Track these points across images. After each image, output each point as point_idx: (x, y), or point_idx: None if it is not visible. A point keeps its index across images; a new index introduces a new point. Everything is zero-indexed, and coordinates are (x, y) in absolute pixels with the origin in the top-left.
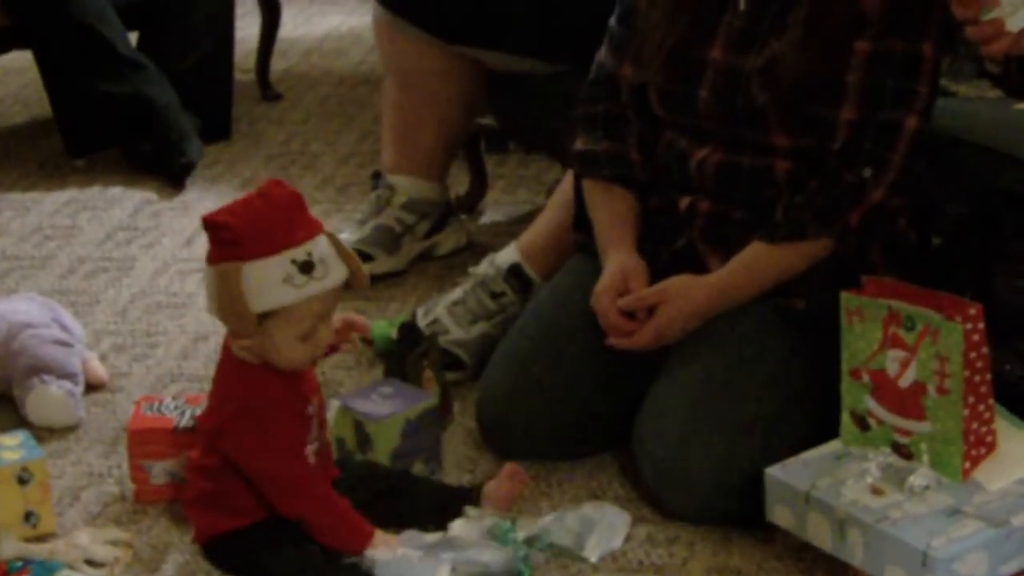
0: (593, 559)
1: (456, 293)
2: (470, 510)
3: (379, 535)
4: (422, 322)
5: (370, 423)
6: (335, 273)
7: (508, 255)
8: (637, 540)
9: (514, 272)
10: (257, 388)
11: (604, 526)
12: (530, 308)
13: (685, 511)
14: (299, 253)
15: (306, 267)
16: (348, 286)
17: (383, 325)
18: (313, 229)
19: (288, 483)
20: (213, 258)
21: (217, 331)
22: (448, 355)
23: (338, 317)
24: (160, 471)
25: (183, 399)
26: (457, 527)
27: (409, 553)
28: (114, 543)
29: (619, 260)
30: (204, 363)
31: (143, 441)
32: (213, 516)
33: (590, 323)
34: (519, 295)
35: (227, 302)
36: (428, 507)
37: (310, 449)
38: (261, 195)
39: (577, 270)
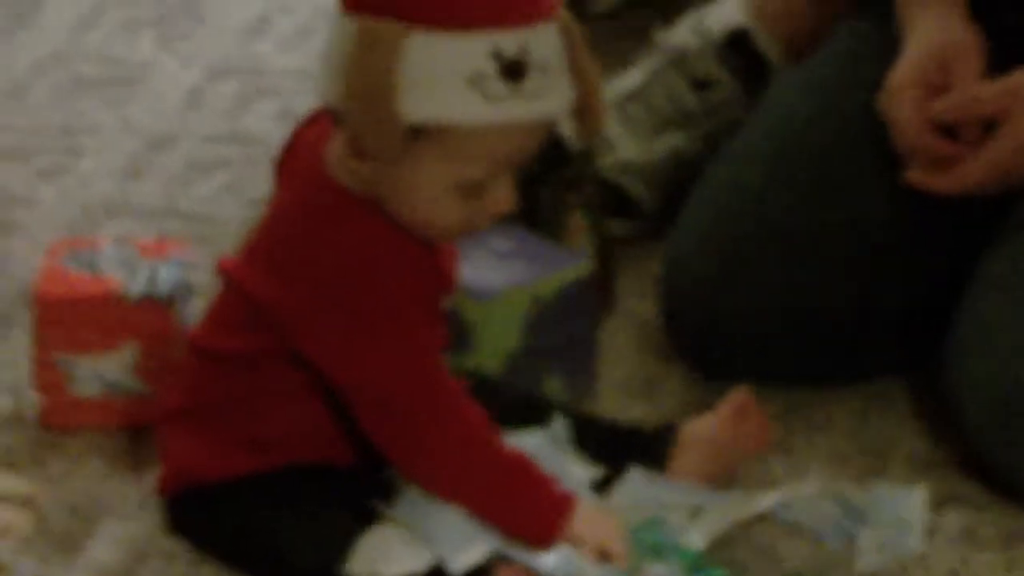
0: (868, 566)
1: (630, 80)
2: (637, 474)
3: (583, 510)
4: (568, 128)
5: (472, 302)
6: (557, 93)
7: (726, 14)
8: (947, 534)
9: (736, 43)
10: (384, 248)
11: (885, 515)
12: (765, 113)
13: None
14: (508, 42)
15: (514, 70)
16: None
17: None
18: (539, 7)
19: (441, 423)
20: (354, 4)
21: (192, 129)
22: (613, 189)
23: None
24: (90, 373)
25: (133, 246)
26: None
27: None
28: (4, 501)
29: (934, 31)
30: (167, 183)
31: (60, 319)
32: (207, 449)
33: (873, 143)
34: (742, 85)
35: (367, 91)
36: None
37: None
38: None
39: (852, 45)
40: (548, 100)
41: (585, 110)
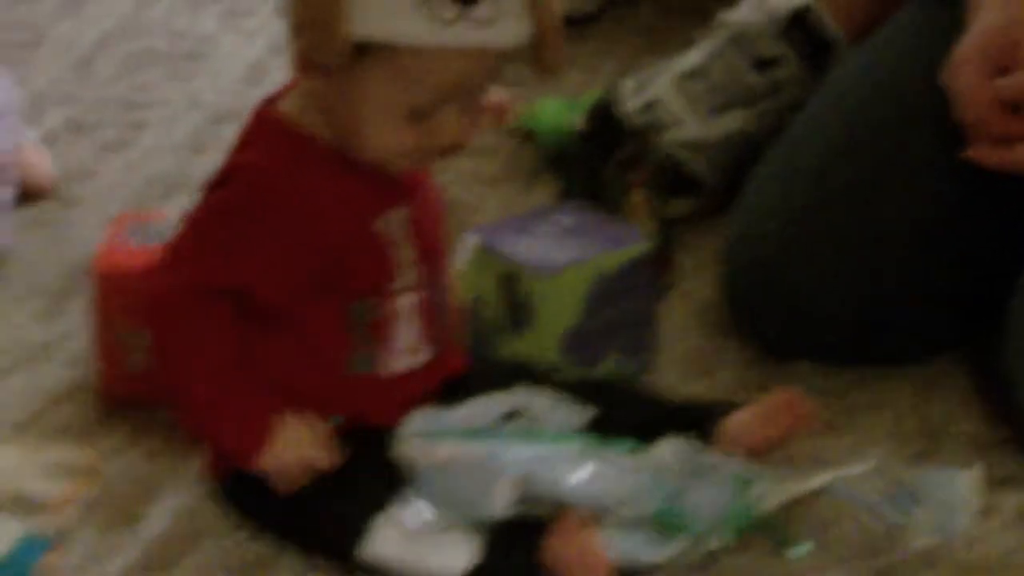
0: (920, 546)
1: (691, 58)
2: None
3: (284, 434)
4: (628, 106)
5: (534, 277)
6: (511, 26)
7: None
8: (1003, 515)
9: (800, 22)
10: (281, 155)
11: (936, 496)
12: (828, 90)
13: None
14: None
15: None
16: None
17: (557, 107)
18: None
19: (174, 321)
20: None
21: (254, 104)
22: (675, 166)
23: None
24: (149, 346)
25: None
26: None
27: (466, 453)
28: (67, 470)
29: (1002, 10)
30: None
31: (121, 291)
32: None
33: (936, 121)
34: (806, 64)
35: (317, 3)
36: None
37: (404, 302)
38: None
39: (917, 24)
40: (499, 29)
41: (541, 46)
